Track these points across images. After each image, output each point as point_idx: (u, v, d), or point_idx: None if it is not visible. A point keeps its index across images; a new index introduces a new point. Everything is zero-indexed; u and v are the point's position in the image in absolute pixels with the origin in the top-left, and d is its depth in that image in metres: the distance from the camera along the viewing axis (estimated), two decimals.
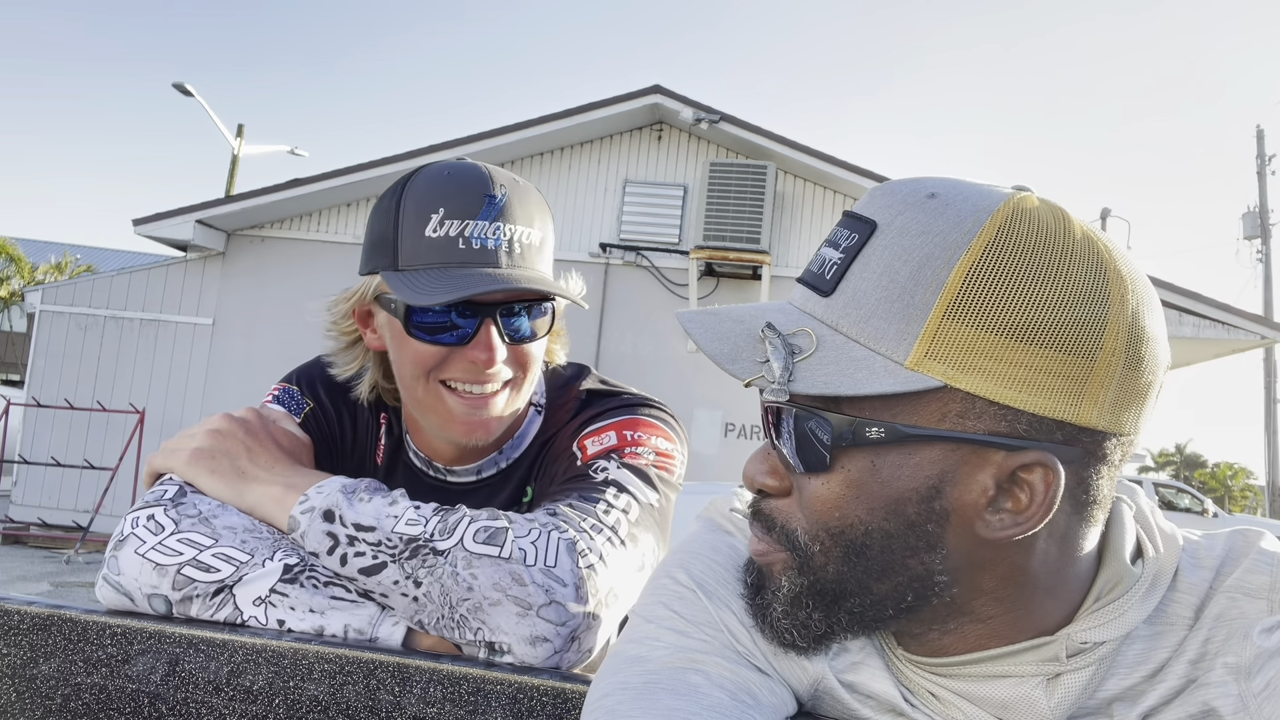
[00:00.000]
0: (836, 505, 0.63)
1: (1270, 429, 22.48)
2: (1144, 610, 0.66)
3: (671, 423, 1.18)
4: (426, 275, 1.01)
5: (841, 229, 0.66)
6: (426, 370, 1.06)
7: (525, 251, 1.05)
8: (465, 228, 1.02)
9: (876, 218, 0.63)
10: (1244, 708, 0.62)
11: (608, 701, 0.68)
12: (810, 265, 0.67)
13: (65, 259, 27.12)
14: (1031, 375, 0.58)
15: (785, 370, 0.61)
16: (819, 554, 0.65)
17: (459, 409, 1.07)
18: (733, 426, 10.44)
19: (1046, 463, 0.60)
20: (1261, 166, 25.90)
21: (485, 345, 1.04)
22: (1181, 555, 0.69)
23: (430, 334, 1.04)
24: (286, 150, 20.33)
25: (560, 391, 1.23)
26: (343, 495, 0.96)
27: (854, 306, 0.62)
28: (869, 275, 0.62)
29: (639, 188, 10.91)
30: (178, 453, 1.05)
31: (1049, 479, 0.60)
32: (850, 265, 0.63)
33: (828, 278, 0.64)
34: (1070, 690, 0.65)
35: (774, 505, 0.68)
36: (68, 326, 11.17)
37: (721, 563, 0.76)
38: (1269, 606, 0.65)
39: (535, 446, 1.21)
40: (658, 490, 1.08)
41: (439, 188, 1.04)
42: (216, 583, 0.93)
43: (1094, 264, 0.60)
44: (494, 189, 1.04)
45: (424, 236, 1.02)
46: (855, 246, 0.63)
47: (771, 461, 0.68)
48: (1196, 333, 9.84)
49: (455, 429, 1.08)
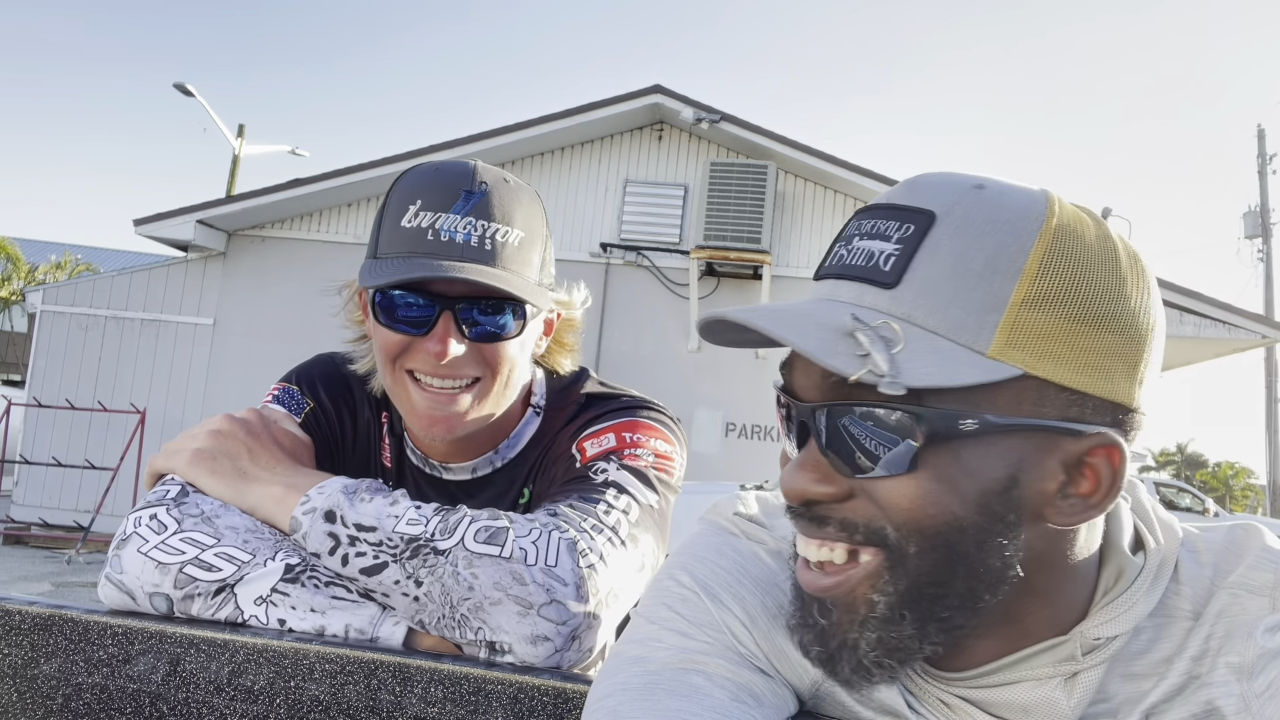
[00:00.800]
0: (930, 501, 0.60)
1: (1271, 428, 22.47)
2: (1151, 601, 0.66)
3: (671, 425, 1.18)
4: (391, 263, 1.03)
5: (886, 220, 0.63)
6: (392, 357, 1.08)
7: (499, 250, 1.05)
8: (437, 220, 1.03)
9: (931, 207, 0.62)
10: (1246, 708, 0.62)
11: (609, 702, 0.68)
12: (849, 260, 0.64)
13: (66, 259, 27.13)
14: (1099, 360, 0.60)
15: (892, 363, 0.58)
16: (915, 554, 0.61)
17: (421, 402, 1.08)
18: (733, 426, 10.44)
19: (1112, 444, 0.61)
20: (1262, 166, 25.88)
21: (439, 338, 1.04)
22: (1180, 548, 0.70)
23: (390, 320, 1.06)
24: (287, 150, 20.34)
25: (560, 394, 1.23)
26: (344, 496, 0.96)
27: (926, 297, 0.60)
28: (939, 264, 0.60)
29: (639, 187, 10.90)
30: (179, 454, 1.05)
31: (1115, 460, 0.61)
32: (914, 255, 0.61)
33: (886, 268, 0.61)
34: (1088, 687, 0.65)
35: (843, 510, 0.63)
36: (69, 326, 11.18)
37: (725, 565, 0.76)
38: (1271, 604, 0.65)
39: (533, 447, 1.21)
40: (657, 492, 1.08)
41: (423, 181, 1.07)
42: (218, 582, 0.93)
43: (1130, 253, 0.63)
44: (473, 185, 1.05)
45: (399, 226, 1.05)
46: (914, 237, 0.61)
47: (821, 468, 0.63)
48: (1197, 332, 9.84)
49: (417, 421, 1.10)
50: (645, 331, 10.57)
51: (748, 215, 10.03)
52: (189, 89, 16.83)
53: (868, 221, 0.65)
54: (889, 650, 0.63)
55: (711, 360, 10.41)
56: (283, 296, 10.78)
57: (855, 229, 0.65)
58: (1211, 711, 0.63)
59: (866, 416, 0.60)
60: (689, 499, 2.03)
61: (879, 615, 0.63)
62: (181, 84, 16.85)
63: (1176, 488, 19.24)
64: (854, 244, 0.64)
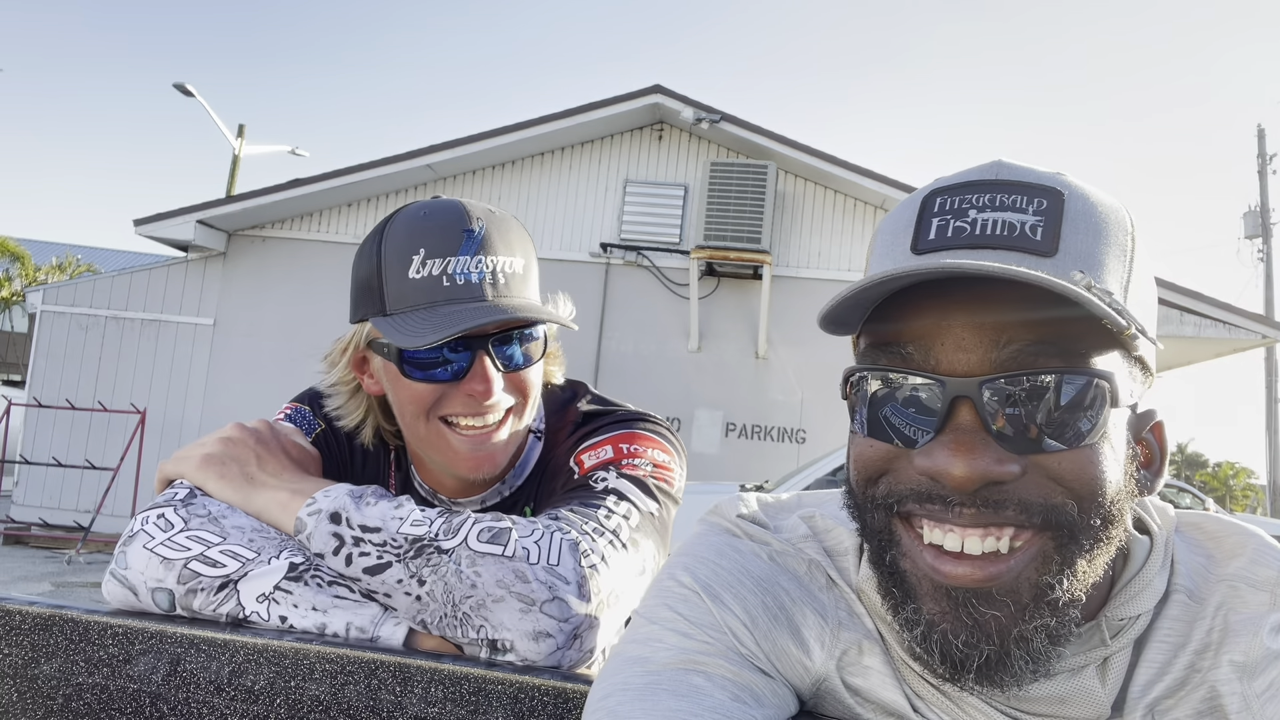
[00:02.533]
0: (1104, 471, 0.59)
1: (1271, 428, 22.45)
2: (1165, 578, 0.67)
3: (668, 436, 1.19)
4: (414, 316, 1.02)
5: (1010, 194, 0.61)
6: (425, 409, 1.07)
7: (509, 281, 1.06)
8: (447, 265, 1.03)
9: (1054, 186, 0.62)
10: (1246, 708, 0.62)
11: (609, 702, 0.68)
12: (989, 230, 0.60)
13: (67, 259, 27.13)
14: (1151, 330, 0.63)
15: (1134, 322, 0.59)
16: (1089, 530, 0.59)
17: (462, 446, 1.08)
18: (733, 426, 10.43)
19: (1160, 420, 0.64)
20: (1262, 166, 25.85)
21: (482, 378, 1.04)
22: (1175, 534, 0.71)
23: (425, 373, 1.05)
24: (287, 150, 20.33)
25: (558, 415, 1.24)
26: (349, 499, 0.97)
27: (1087, 265, 0.59)
28: (1085, 236, 0.61)
29: (639, 187, 10.90)
30: (189, 459, 1.06)
31: (1159, 430, 0.64)
32: (1060, 226, 0.60)
33: (1038, 238, 0.59)
34: (1119, 672, 0.65)
35: (1019, 490, 0.59)
36: (69, 327, 11.17)
37: (726, 565, 0.76)
38: (1272, 599, 0.65)
39: (536, 472, 1.22)
40: (657, 500, 1.08)
41: (418, 228, 1.05)
42: (221, 577, 0.94)
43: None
44: (471, 224, 1.05)
45: (408, 278, 1.03)
46: (1052, 210, 0.61)
47: (993, 448, 0.58)
48: (1198, 332, 9.83)
49: (461, 465, 1.09)
50: (645, 331, 10.56)
51: (748, 215, 10.02)
52: (189, 89, 16.83)
53: (982, 195, 0.62)
54: (1054, 638, 0.60)
55: (711, 360, 10.40)
56: (283, 296, 10.78)
57: (969, 203, 0.62)
58: (1215, 709, 0.63)
59: (1057, 386, 0.58)
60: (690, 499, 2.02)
61: (1055, 599, 0.59)
62: (181, 84, 16.84)
63: (1176, 488, 19.19)
64: (974, 216, 0.61)
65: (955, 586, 0.60)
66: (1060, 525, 0.58)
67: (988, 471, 0.58)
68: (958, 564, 0.59)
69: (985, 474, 0.58)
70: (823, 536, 0.79)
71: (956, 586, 0.60)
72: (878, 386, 0.63)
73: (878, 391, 0.63)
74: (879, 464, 0.64)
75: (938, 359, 0.60)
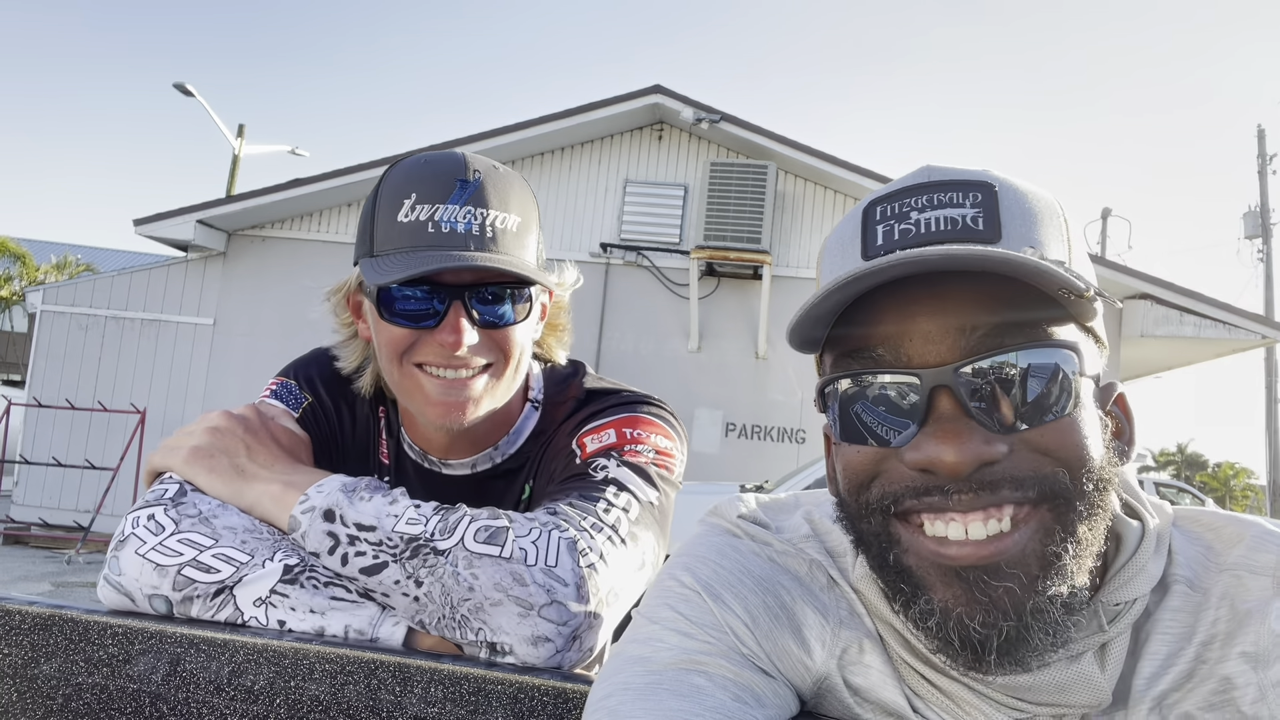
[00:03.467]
0: (1087, 437, 0.60)
1: (1271, 429, 22.45)
2: (1160, 563, 0.67)
3: (671, 421, 1.18)
4: (395, 258, 1.02)
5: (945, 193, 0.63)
6: (399, 353, 1.07)
7: (499, 236, 1.04)
8: (435, 211, 1.02)
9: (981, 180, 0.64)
10: (1263, 698, 0.62)
11: (610, 702, 0.68)
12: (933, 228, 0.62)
13: (66, 259, 27.11)
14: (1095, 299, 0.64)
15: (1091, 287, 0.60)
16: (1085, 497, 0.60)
17: (434, 391, 1.07)
18: (733, 426, 10.43)
19: (1119, 387, 0.65)
20: (1262, 166, 25.84)
21: (452, 328, 1.03)
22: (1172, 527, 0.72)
23: (400, 316, 1.05)
24: (287, 150, 20.33)
25: (558, 388, 1.23)
26: (343, 494, 0.96)
27: (1029, 245, 0.62)
28: (1022, 220, 0.63)
29: (639, 188, 10.90)
30: (176, 451, 1.05)
31: (1123, 402, 0.65)
32: (998, 213, 0.62)
33: (981, 228, 0.61)
34: (1118, 658, 0.65)
35: (1009, 468, 0.60)
36: (69, 326, 11.17)
37: (727, 565, 0.76)
38: (1274, 584, 0.65)
39: (533, 442, 1.20)
40: (658, 488, 1.07)
41: (415, 174, 1.05)
42: (217, 583, 0.93)
43: None
44: (467, 174, 1.04)
45: (396, 222, 1.03)
46: (988, 200, 0.62)
47: (980, 432, 0.59)
48: (1197, 332, 9.83)
49: (431, 411, 1.08)
50: (645, 331, 10.56)
51: (748, 215, 10.02)
52: (189, 89, 16.82)
53: (919, 198, 0.64)
54: (1069, 608, 0.60)
55: (711, 360, 10.40)
56: (283, 296, 10.77)
57: (907, 206, 0.64)
58: (1227, 701, 0.63)
59: (1032, 362, 0.59)
60: (690, 499, 2.02)
61: (1063, 567, 0.60)
62: (181, 84, 16.83)
63: (1176, 488, 19.22)
64: (916, 217, 0.63)
65: (964, 567, 0.60)
66: (1056, 495, 0.59)
67: (979, 453, 0.59)
68: (963, 545, 0.60)
69: (977, 456, 0.59)
70: (824, 536, 0.79)
71: (965, 566, 0.60)
72: (854, 391, 0.64)
73: (855, 396, 0.64)
74: (868, 468, 0.64)
75: (909, 355, 0.62)
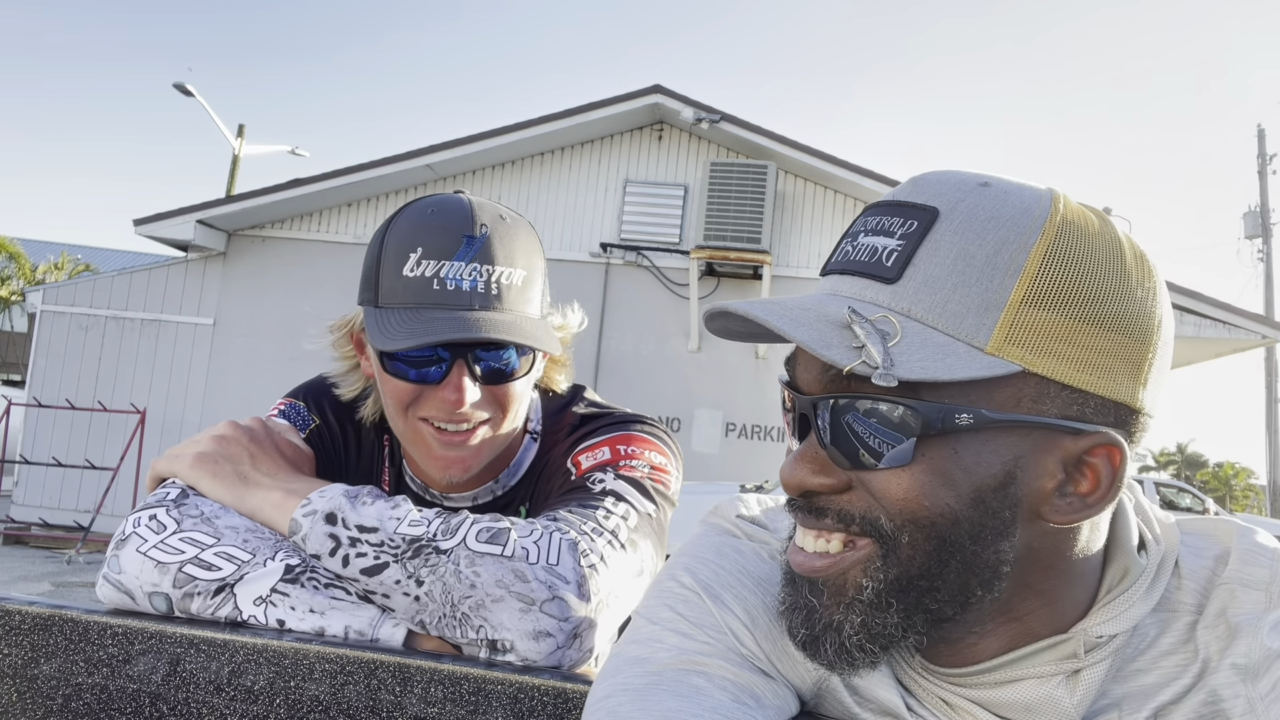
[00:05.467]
0: (925, 494, 0.61)
1: (1271, 428, 22.45)
2: (1150, 600, 0.66)
3: (665, 439, 1.18)
4: (399, 315, 1.02)
5: (891, 217, 0.63)
6: (403, 406, 1.07)
7: (505, 292, 1.04)
8: (441, 268, 1.02)
9: (935, 204, 0.62)
10: (1251, 710, 0.62)
11: (609, 702, 0.68)
12: (854, 255, 0.64)
13: (64, 259, 27.12)
14: (1100, 359, 0.60)
15: (886, 355, 0.58)
16: (907, 545, 0.61)
17: (436, 445, 1.07)
18: (733, 426, 10.44)
19: (1113, 443, 0.61)
20: (1262, 166, 25.85)
21: (455, 387, 1.04)
22: (1181, 545, 0.70)
23: (403, 372, 1.05)
24: (287, 150, 20.33)
25: (555, 418, 1.23)
26: (345, 499, 0.97)
27: (928, 292, 0.60)
28: (940, 260, 0.60)
29: (639, 188, 10.90)
30: (181, 457, 1.06)
31: (1115, 460, 0.62)
32: (916, 250, 0.61)
33: (889, 264, 0.62)
34: (1090, 685, 0.65)
35: (840, 501, 0.64)
36: (69, 326, 11.18)
37: (726, 566, 0.76)
38: (1267, 599, 0.65)
39: (531, 473, 1.21)
40: (655, 502, 1.08)
41: (421, 225, 1.04)
42: (217, 581, 0.93)
43: (1136, 252, 0.63)
44: (474, 229, 1.04)
45: (401, 275, 1.03)
46: (917, 232, 0.61)
47: (819, 460, 0.64)
48: (1198, 332, 9.84)
49: (432, 464, 1.09)
50: (645, 331, 10.56)
51: (748, 215, 10.03)
52: (189, 89, 16.83)
53: (873, 219, 0.65)
54: (872, 635, 0.64)
55: (711, 360, 10.41)
56: (283, 296, 10.78)
57: (861, 226, 0.66)
58: (1216, 713, 0.63)
59: (865, 410, 0.61)
60: (690, 499, 2.02)
61: (866, 599, 0.63)
62: (181, 84, 16.84)
63: (1176, 488, 19.20)
64: (859, 240, 0.65)
65: (796, 573, 0.67)
66: (880, 537, 0.62)
67: (804, 481, 0.64)
68: (798, 553, 0.67)
69: (802, 483, 0.64)
70: None
71: (797, 574, 0.67)
72: (781, 397, 0.71)
73: (783, 402, 0.70)
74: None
75: (798, 377, 0.67)
